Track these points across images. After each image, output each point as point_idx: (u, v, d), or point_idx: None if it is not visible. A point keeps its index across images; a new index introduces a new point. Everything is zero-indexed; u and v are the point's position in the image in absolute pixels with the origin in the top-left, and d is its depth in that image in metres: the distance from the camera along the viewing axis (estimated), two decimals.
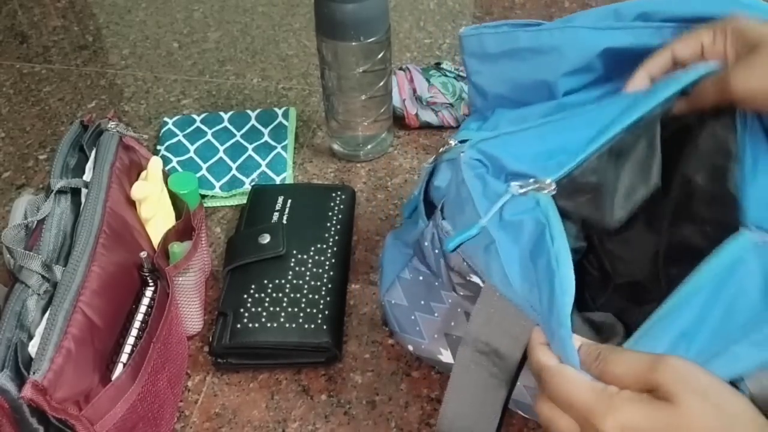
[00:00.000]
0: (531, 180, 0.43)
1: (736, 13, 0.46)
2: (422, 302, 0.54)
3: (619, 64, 0.49)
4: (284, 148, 0.82)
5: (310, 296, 0.62)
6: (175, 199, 0.64)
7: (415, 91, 0.82)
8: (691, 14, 0.47)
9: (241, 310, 0.61)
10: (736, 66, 0.44)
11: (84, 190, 0.56)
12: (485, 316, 0.41)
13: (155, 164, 0.62)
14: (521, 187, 0.42)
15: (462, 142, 0.50)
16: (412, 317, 0.55)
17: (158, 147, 0.83)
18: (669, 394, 0.33)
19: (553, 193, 0.42)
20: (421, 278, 0.54)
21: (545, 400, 0.37)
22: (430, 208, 0.53)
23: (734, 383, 0.36)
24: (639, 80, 0.48)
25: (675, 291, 0.38)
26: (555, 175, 0.43)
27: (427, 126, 0.84)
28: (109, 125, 0.61)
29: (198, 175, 0.78)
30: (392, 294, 0.56)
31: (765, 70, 0.43)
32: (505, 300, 0.40)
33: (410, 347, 0.57)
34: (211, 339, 0.60)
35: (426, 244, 0.50)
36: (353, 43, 0.70)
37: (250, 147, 0.82)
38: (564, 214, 0.42)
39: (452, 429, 0.44)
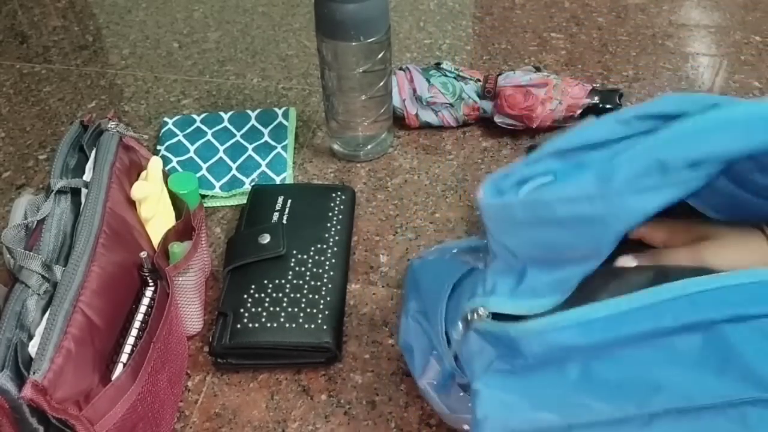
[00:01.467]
0: None
1: None
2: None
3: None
4: (284, 148, 0.82)
5: (310, 296, 0.62)
6: (175, 199, 0.64)
7: (415, 91, 0.82)
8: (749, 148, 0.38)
9: (241, 310, 0.61)
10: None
11: (84, 190, 0.56)
12: None
13: (155, 164, 0.62)
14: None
15: (494, 315, 0.44)
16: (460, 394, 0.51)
17: (158, 147, 0.83)
18: None
19: None
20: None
21: None
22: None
23: None
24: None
25: None
26: None
27: (427, 126, 0.84)
28: (109, 125, 0.61)
29: (198, 175, 0.78)
30: (429, 375, 0.52)
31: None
32: None
33: (465, 426, 0.52)
34: (211, 339, 0.60)
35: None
36: (353, 43, 0.70)
37: (250, 147, 0.82)
38: None
39: None
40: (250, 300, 0.61)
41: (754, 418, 0.36)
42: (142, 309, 0.55)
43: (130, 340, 0.52)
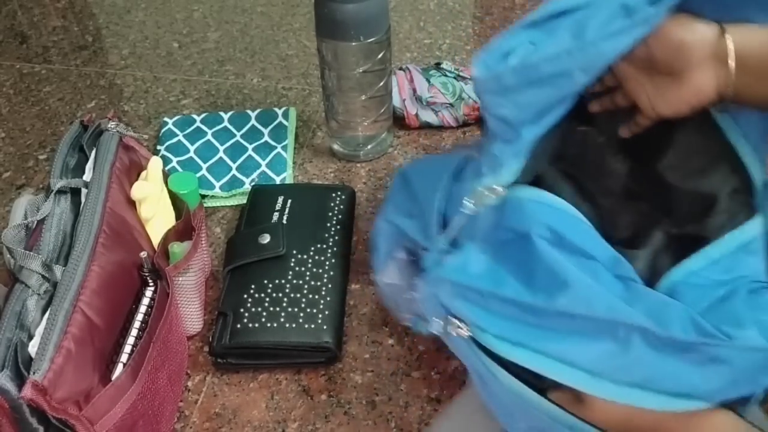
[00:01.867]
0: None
1: None
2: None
3: None
4: (284, 148, 0.82)
5: (310, 296, 0.62)
6: (175, 199, 0.64)
7: (415, 91, 0.82)
8: None
9: (241, 310, 0.61)
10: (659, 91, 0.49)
11: (84, 190, 0.56)
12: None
13: (155, 164, 0.62)
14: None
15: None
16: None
17: (158, 147, 0.83)
18: None
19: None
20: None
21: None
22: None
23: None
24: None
25: None
26: None
27: (427, 126, 0.84)
28: (109, 125, 0.61)
29: (198, 175, 0.78)
30: (388, 274, 0.57)
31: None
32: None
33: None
34: (211, 339, 0.60)
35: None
36: (353, 43, 0.70)
37: (250, 147, 0.82)
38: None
39: None
40: (250, 300, 0.61)
41: (636, 343, 0.42)
42: (142, 309, 0.54)
43: (130, 339, 0.52)
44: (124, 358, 0.51)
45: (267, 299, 0.61)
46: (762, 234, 0.49)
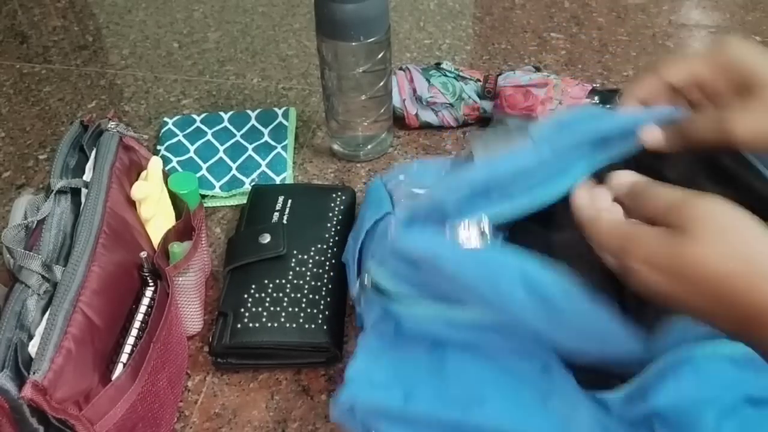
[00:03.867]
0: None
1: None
2: None
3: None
4: (284, 148, 0.82)
5: (311, 296, 0.62)
6: (175, 199, 0.64)
7: (415, 91, 0.82)
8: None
9: (242, 310, 0.61)
10: (736, 109, 0.42)
11: (84, 190, 0.56)
12: None
13: (155, 164, 0.62)
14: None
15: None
16: None
17: (158, 147, 0.82)
18: (686, 229, 0.35)
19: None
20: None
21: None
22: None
23: None
24: (629, 106, 0.46)
25: None
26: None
27: (427, 126, 0.84)
28: (109, 125, 0.61)
29: (198, 175, 0.78)
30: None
31: (765, 116, 0.41)
32: None
33: None
34: (211, 339, 0.60)
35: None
36: (353, 43, 0.70)
37: (250, 147, 0.82)
38: None
39: None
40: (250, 300, 0.61)
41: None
42: (142, 309, 0.54)
43: (130, 340, 0.52)
44: (124, 358, 0.51)
45: (267, 299, 0.61)
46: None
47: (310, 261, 0.65)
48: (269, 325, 0.60)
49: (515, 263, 0.42)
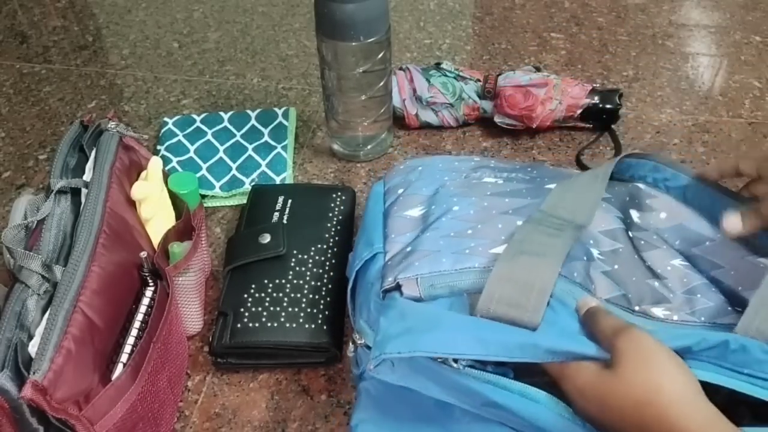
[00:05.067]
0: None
1: None
2: None
3: None
4: (284, 148, 0.82)
5: (311, 296, 0.62)
6: (175, 199, 0.64)
7: (415, 91, 0.82)
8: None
9: (242, 309, 0.61)
10: None
11: (84, 190, 0.56)
12: None
13: (155, 164, 0.62)
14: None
15: None
16: None
17: (158, 147, 0.83)
18: (617, 359, 0.40)
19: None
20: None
21: None
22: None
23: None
24: (709, 174, 0.54)
25: None
26: None
27: (427, 126, 0.84)
28: (109, 125, 0.61)
29: (198, 175, 0.78)
30: None
31: None
32: None
33: None
34: (211, 339, 0.60)
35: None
36: (353, 43, 0.70)
37: (250, 147, 0.82)
38: None
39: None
40: (250, 300, 0.61)
41: None
42: (142, 309, 0.54)
43: (130, 340, 0.52)
44: (124, 358, 0.51)
45: (267, 299, 0.61)
46: None
47: (310, 261, 0.65)
48: (269, 325, 0.60)
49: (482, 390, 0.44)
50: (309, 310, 0.61)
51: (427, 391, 0.47)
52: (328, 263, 0.65)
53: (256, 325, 0.60)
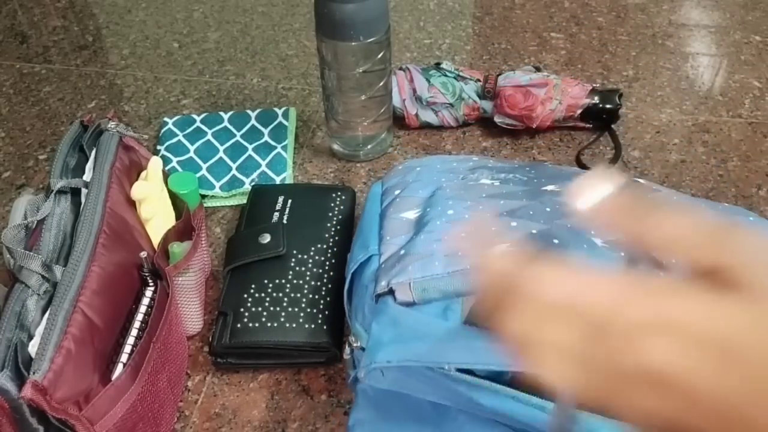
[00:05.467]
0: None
1: None
2: None
3: None
4: (284, 148, 0.82)
5: (311, 296, 0.62)
6: (175, 199, 0.64)
7: (415, 91, 0.82)
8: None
9: (242, 309, 0.61)
10: None
11: (84, 190, 0.56)
12: None
13: (155, 164, 0.62)
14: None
15: None
16: None
17: (158, 147, 0.83)
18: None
19: None
20: None
21: None
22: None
23: None
24: None
25: None
26: None
27: (427, 126, 0.84)
28: (109, 125, 0.61)
29: (198, 175, 0.78)
30: None
31: None
32: None
33: None
34: (211, 339, 0.60)
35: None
36: (353, 43, 0.70)
37: (250, 147, 0.82)
38: None
39: None
40: (250, 300, 0.61)
41: None
42: (142, 309, 0.54)
43: (130, 340, 0.52)
44: (124, 358, 0.51)
45: (267, 299, 0.61)
46: None
47: (310, 261, 0.65)
48: (269, 324, 0.60)
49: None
50: (309, 310, 0.61)
51: (420, 394, 0.47)
52: (328, 263, 0.65)
53: (256, 325, 0.60)
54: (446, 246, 0.50)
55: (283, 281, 0.63)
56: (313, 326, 0.60)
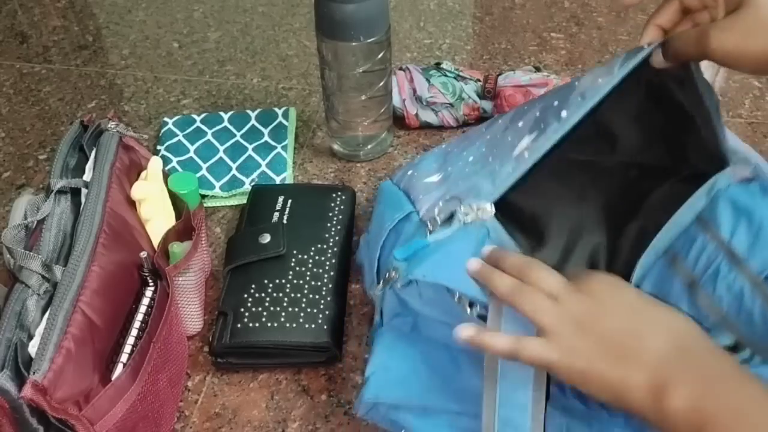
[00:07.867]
0: (473, 206, 0.50)
1: None
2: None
3: None
4: (284, 148, 0.82)
5: (311, 296, 0.62)
6: (175, 199, 0.64)
7: (415, 91, 0.82)
8: None
9: (242, 309, 0.61)
10: (716, 25, 0.45)
11: (84, 190, 0.56)
12: None
13: (155, 164, 0.62)
14: (466, 214, 0.50)
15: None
16: None
17: (158, 147, 0.82)
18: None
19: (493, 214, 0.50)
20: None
21: None
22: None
23: None
24: (651, 33, 0.49)
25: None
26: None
27: (427, 126, 0.84)
28: (109, 125, 0.61)
29: (198, 175, 0.78)
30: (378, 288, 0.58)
31: (741, 33, 0.43)
32: None
33: None
34: (211, 339, 0.60)
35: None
36: (353, 43, 0.70)
37: (250, 147, 0.82)
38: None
39: None
40: (250, 299, 0.61)
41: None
42: (142, 309, 0.55)
43: (130, 340, 0.52)
44: (124, 358, 0.51)
45: (267, 299, 0.61)
46: None
47: (310, 261, 0.65)
48: (269, 324, 0.60)
49: None
50: (309, 310, 0.61)
51: (440, 330, 0.49)
52: (328, 263, 0.65)
53: (256, 325, 0.60)
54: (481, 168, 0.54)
55: (283, 281, 0.63)
56: (313, 326, 0.60)
